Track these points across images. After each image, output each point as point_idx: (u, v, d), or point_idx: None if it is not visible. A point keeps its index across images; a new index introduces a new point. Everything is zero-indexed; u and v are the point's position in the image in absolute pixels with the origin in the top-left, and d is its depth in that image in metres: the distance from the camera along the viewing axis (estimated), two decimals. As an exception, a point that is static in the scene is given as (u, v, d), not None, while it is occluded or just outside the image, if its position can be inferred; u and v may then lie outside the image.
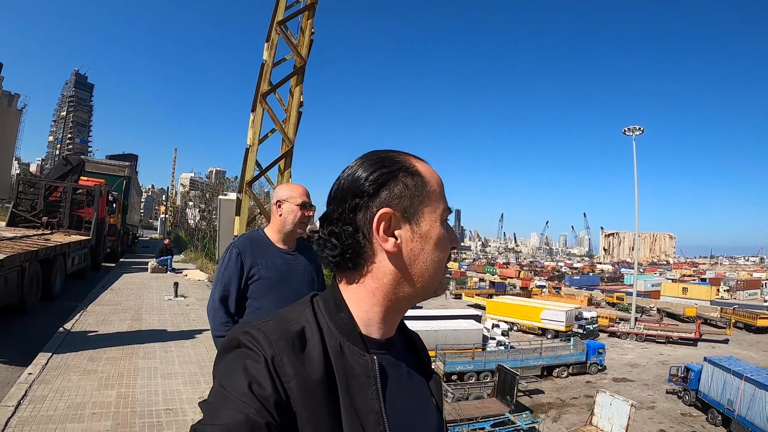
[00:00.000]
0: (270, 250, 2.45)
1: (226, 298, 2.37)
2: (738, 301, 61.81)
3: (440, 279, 0.84)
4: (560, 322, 42.53)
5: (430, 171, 0.85)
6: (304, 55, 5.20)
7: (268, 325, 0.76)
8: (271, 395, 0.68)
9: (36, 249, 9.14)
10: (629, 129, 54.94)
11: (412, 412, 0.84)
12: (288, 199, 2.45)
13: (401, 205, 0.80)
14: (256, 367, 0.70)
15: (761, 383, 20.87)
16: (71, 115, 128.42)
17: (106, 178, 21.32)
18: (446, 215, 0.84)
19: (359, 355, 0.79)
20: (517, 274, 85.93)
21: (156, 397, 5.18)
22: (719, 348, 40.98)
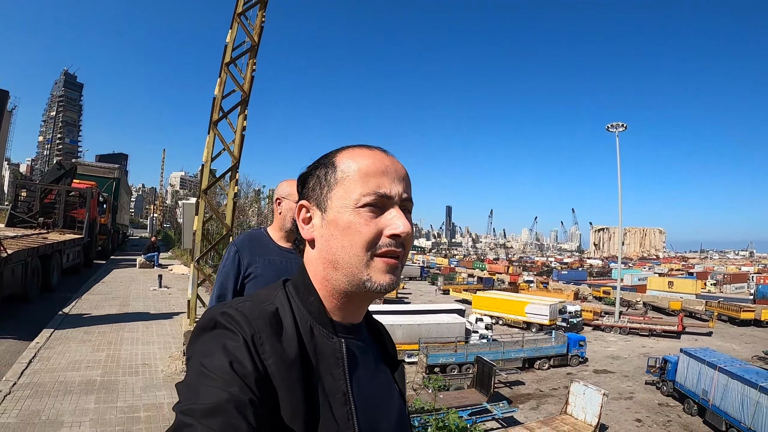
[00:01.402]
0: (270, 248, 2.45)
1: (223, 296, 2.38)
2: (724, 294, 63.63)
3: (360, 267, 0.81)
4: (544, 315, 43.99)
5: (352, 158, 0.86)
6: (246, 89, 6.67)
7: (246, 305, 0.79)
8: (251, 373, 0.70)
9: (36, 246, 10.80)
10: (612, 125, 56.40)
11: (377, 396, 0.88)
12: (288, 196, 2.43)
13: (314, 196, 0.87)
14: (235, 346, 0.72)
15: (734, 373, 21.48)
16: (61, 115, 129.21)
17: (97, 180, 22.94)
18: (366, 200, 0.82)
19: (328, 338, 0.83)
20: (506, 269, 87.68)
21: (136, 356, 6.88)
22: (702, 340, 41.77)
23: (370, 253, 0.81)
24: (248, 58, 6.81)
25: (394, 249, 0.82)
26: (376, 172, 0.84)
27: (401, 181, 0.86)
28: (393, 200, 0.84)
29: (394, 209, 0.83)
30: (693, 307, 53.66)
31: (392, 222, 0.82)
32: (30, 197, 16.50)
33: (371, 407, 0.85)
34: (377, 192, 0.82)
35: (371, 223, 0.81)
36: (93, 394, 5.34)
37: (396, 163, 0.88)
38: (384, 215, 0.83)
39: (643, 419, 23.82)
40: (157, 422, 4.69)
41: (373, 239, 0.81)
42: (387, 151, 0.90)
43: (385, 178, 0.84)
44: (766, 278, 71.60)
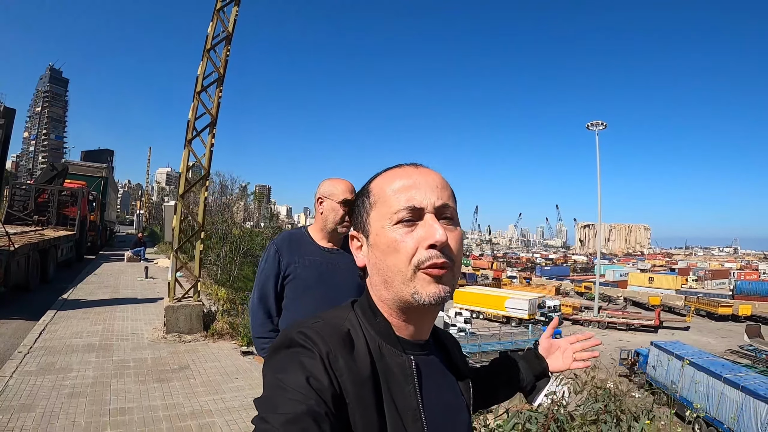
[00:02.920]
0: (311, 248, 2.43)
1: (264, 297, 2.39)
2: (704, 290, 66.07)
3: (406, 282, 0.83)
4: (523, 310, 46.23)
5: (383, 180, 0.90)
6: (214, 114, 8.31)
7: (319, 325, 0.84)
8: (327, 388, 0.74)
9: (37, 241, 12.51)
10: (592, 124, 58.57)
11: (446, 410, 0.92)
12: (329, 196, 2.40)
13: (359, 225, 0.93)
14: (312, 363, 0.76)
15: (700, 365, 22.20)
16: (46, 111, 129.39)
17: (87, 179, 24.60)
18: (398, 216, 0.84)
19: (397, 356, 0.87)
20: (490, 265, 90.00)
21: (126, 328, 8.67)
22: (680, 335, 43.43)
23: (413, 267, 0.82)
24: (216, 87, 8.59)
25: (436, 260, 0.82)
26: (404, 187, 0.86)
27: (433, 190, 0.87)
28: (425, 210, 0.84)
29: (427, 219, 0.84)
30: (672, 302, 55.79)
31: (427, 232, 0.82)
32: (25, 196, 18.15)
33: (441, 421, 0.88)
34: (407, 206, 0.84)
35: (407, 237, 0.83)
36: (93, 352, 7.12)
37: (426, 174, 0.89)
38: (417, 228, 0.84)
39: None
40: (142, 368, 6.48)
41: (411, 254, 0.82)
42: (420, 164, 0.92)
43: (414, 191, 0.85)
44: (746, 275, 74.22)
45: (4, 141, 8.38)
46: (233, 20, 8.68)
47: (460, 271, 0.90)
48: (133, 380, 5.97)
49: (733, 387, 19.67)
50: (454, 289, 0.93)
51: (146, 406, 5.14)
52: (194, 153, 8.32)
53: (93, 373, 6.14)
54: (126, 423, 4.70)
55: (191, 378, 6.16)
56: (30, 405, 5.02)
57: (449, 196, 0.90)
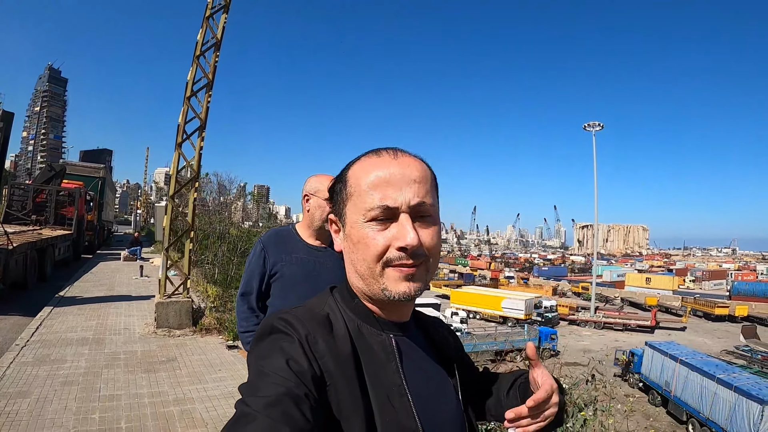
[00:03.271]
0: (298, 245, 2.43)
1: (248, 294, 2.41)
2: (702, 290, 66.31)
3: (375, 278, 0.85)
4: (520, 310, 46.25)
5: (360, 170, 0.88)
6: (203, 118, 8.74)
7: (299, 310, 0.88)
8: (307, 370, 0.76)
9: (34, 240, 12.91)
10: (589, 125, 58.90)
11: (431, 389, 0.92)
12: (316, 192, 2.39)
13: (336, 211, 0.93)
14: (291, 347, 0.78)
15: (693, 365, 22.51)
16: (45, 111, 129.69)
17: (84, 179, 25.07)
18: (371, 214, 0.84)
19: (377, 335, 0.89)
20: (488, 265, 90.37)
21: (119, 324, 9.09)
22: (676, 335, 43.54)
23: (382, 264, 0.84)
24: (205, 92, 9.01)
25: (404, 261, 0.83)
26: (380, 182, 0.84)
27: (410, 186, 0.85)
28: (399, 209, 0.83)
29: (401, 219, 0.83)
30: (669, 302, 55.90)
31: (399, 234, 0.82)
32: (23, 196, 18.57)
33: (426, 399, 0.88)
34: (380, 205, 0.83)
35: (378, 236, 0.83)
36: (87, 345, 7.53)
37: (405, 166, 0.86)
38: (391, 227, 0.83)
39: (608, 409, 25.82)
40: (133, 360, 6.90)
41: (381, 252, 0.83)
42: (399, 151, 0.89)
43: (389, 188, 0.83)
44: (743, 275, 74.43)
45: (3, 143, 8.75)
46: (222, 27, 9.10)
47: (437, 264, 0.91)
48: (123, 371, 6.38)
49: (726, 387, 19.86)
50: (428, 283, 0.91)
51: (133, 394, 5.56)
52: (184, 156, 8.73)
53: (85, 364, 6.55)
54: (114, 408, 5.11)
55: (177, 369, 6.58)
56: (26, 392, 5.43)
57: (427, 191, 0.87)
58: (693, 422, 22.11)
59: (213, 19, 9.13)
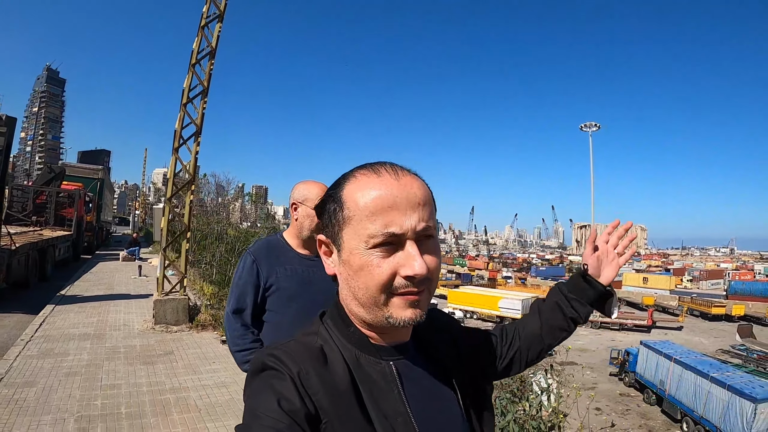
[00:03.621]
0: (289, 256, 2.37)
1: (241, 311, 2.31)
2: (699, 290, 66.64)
3: (379, 306, 0.81)
4: (517, 310, 46.56)
5: (358, 192, 0.81)
6: (198, 123, 9.19)
7: (290, 345, 0.84)
8: (300, 409, 0.74)
9: (36, 241, 13.36)
10: (586, 125, 59.49)
11: (435, 412, 0.90)
12: (304, 201, 2.32)
13: (328, 233, 0.87)
14: (282, 385, 0.76)
15: (687, 364, 22.85)
16: (43, 111, 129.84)
17: (83, 181, 25.57)
18: (375, 241, 0.79)
19: (376, 364, 0.86)
20: (486, 265, 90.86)
21: (119, 320, 9.52)
22: (672, 334, 43.58)
23: (387, 294, 0.80)
24: (201, 98, 9.45)
25: (411, 289, 0.80)
26: (384, 207, 0.79)
27: (415, 210, 0.80)
28: (405, 236, 0.79)
29: (407, 246, 0.79)
30: (666, 302, 56.17)
31: (406, 262, 0.78)
32: (24, 198, 19.01)
33: (431, 423, 0.86)
34: (386, 232, 0.78)
35: (383, 264, 0.79)
36: (88, 340, 7.96)
37: (408, 188, 0.81)
38: (397, 254, 0.79)
39: (603, 408, 24.99)
40: (132, 353, 7.33)
41: (387, 281, 0.79)
42: (399, 169, 0.85)
43: (394, 213, 0.79)
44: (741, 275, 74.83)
45: (6, 148, 9.17)
46: (216, 36, 9.54)
47: (437, 282, 0.88)
48: (123, 363, 6.82)
49: (720, 386, 20.23)
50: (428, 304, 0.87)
51: (132, 383, 5.99)
52: (180, 160, 9.17)
53: (87, 357, 6.99)
54: (114, 396, 5.54)
55: (174, 362, 7.01)
56: (32, 382, 5.86)
57: (430, 213, 0.83)
58: (687, 421, 22.33)
59: (208, 28, 9.56)
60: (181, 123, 9.17)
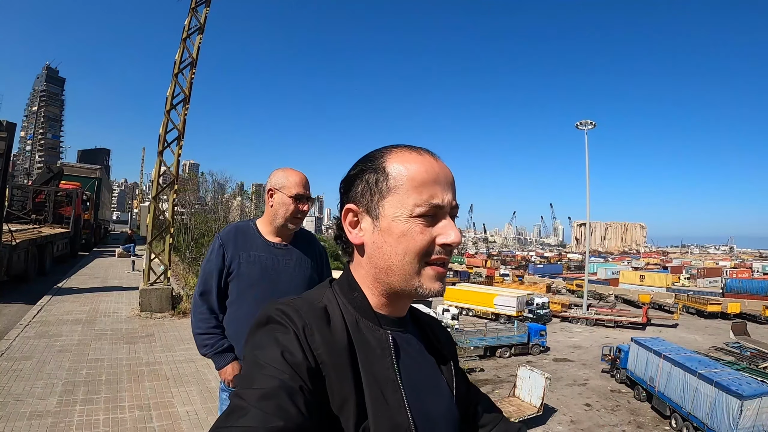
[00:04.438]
0: (257, 242, 2.39)
1: (207, 293, 2.37)
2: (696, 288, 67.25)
3: (413, 274, 0.87)
4: (512, 307, 47.27)
5: (402, 164, 0.88)
6: (180, 128, 10.12)
7: (296, 301, 0.88)
8: (302, 362, 0.77)
9: (35, 237, 14.38)
10: (581, 123, 60.04)
11: (424, 386, 0.94)
12: (281, 188, 2.33)
13: (363, 201, 0.91)
14: (287, 338, 0.80)
15: (676, 361, 23.24)
16: (43, 110, 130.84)
17: (81, 180, 26.66)
18: (420, 210, 0.86)
19: (374, 330, 0.91)
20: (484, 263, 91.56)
21: (109, 309, 10.56)
22: (667, 332, 44.08)
23: (423, 261, 0.87)
24: (183, 105, 10.45)
25: (444, 257, 0.88)
26: (429, 180, 0.87)
27: (450, 188, 0.90)
28: (444, 209, 0.88)
29: (446, 218, 0.88)
30: (663, 300, 56.71)
31: (444, 231, 0.87)
32: (23, 197, 20.07)
33: (420, 395, 0.90)
34: (431, 202, 0.86)
35: (426, 231, 0.86)
36: (80, 324, 8.98)
37: (445, 169, 0.91)
38: (437, 225, 0.88)
39: (593, 404, 25.94)
40: (117, 335, 8.35)
41: (426, 248, 0.86)
42: (435, 154, 0.93)
43: (437, 187, 0.88)
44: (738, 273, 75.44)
45: (6, 152, 10.16)
46: (197, 47, 10.53)
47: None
48: (108, 342, 7.85)
49: (707, 382, 20.62)
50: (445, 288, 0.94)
51: (114, 358, 7.02)
52: (164, 162, 10.18)
53: (78, 338, 8.02)
54: (97, 367, 6.56)
55: (153, 342, 8.03)
56: (28, 357, 6.88)
57: (455, 195, 0.92)
58: (676, 417, 22.76)
59: (190, 40, 10.55)
60: (165, 128, 10.17)
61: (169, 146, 10.37)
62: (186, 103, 10.44)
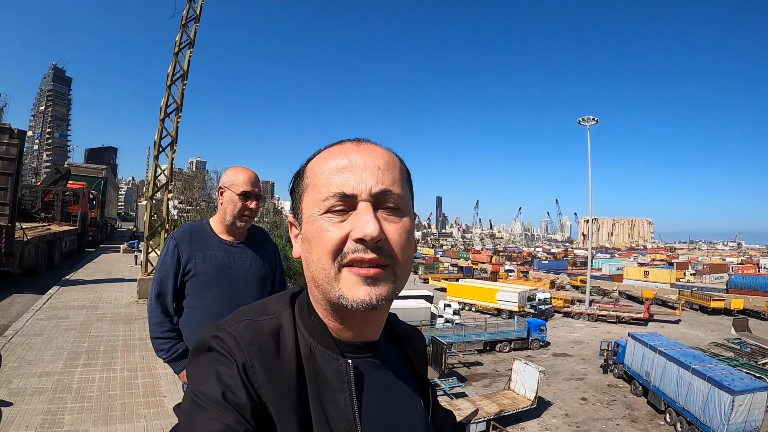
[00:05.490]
0: (211, 241, 2.40)
1: (162, 295, 2.35)
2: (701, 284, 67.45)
3: (330, 281, 0.75)
4: (513, 302, 47.83)
5: (318, 160, 0.80)
6: (174, 135, 11.45)
7: (240, 327, 0.77)
8: (246, 403, 0.70)
9: (44, 234, 15.75)
10: (584, 119, 60.54)
11: (393, 419, 0.84)
12: (230, 186, 2.33)
13: (293, 212, 0.84)
14: (229, 374, 0.71)
15: (671, 356, 23.43)
16: (50, 110, 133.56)
17: (87, 180, 28.09)
18: (327, 204, 0.75)
19: (332, 359, 0.79)
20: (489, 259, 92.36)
21: (111, 297, 11.89)
22: (669, 328, 44.86)
23: (337, 264, 0.74)
24: (175, 114, 11.72)
25: (362, 255, 0.72)
26: (338, 168, 0.76)
27: (373, 173, 0.76)
28: (358, 198, 0.74)
29: (360, 208, 0.74)
30: (667, 296, 57.11)
31: (356, 224, 0.73)
32: (33, 196, 21.51)
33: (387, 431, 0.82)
34: (338, 192, 0.74)
35: (333, 227, 0.74)
36: (84, 309, 10.30)
37: (367, 152, 0.78)
38: (350, 218, 0.75)
39: (589, 398, 26.46)
40: (117, 318, 9.64)
41: (336, 247, 0.74)
42: (365, 141, 0.82)
43: (348, 174, 0.75)
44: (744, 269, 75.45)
45: (18, 156, 11.47)
46: (188, 60, 11.78)
47: (408, 269, 0.80)
48: (108, 323, 9.15)
49: (700, 377, 20.87)
50: (397, 292, 0.77)
51: (112, 335, 8.32)
52: (159, 166, 11.46)
53: (82, 320, 9.33)
54: (97, 341, 7.86)
55: (146, 323, 9.26)
56: (39, 333, 8.18)
57: (395, 180, 0.78)
58: (670, 412, 23.12)
59: (182, 54, 11.80)
60: (159, 135, 11.45)
61: (164, 151, 11.63)
62: (178, 112, 11.68)
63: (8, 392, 5.45)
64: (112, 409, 5.23)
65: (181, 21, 11.40)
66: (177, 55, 11.66)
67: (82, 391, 5.69)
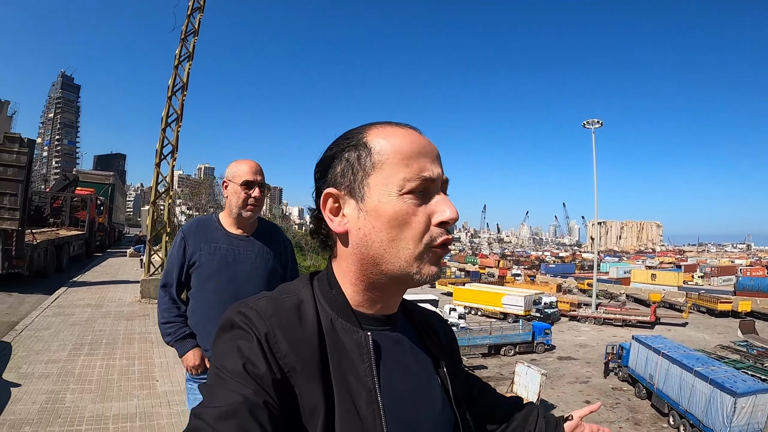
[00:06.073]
0: (217, 234, 2.45)
1: (168, 285, 2.47)
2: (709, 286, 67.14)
3: (409, 260, 0.79)
4: (519, 306, 48.15)
5: (389, 138, 0.81)
6: (174, 144, 12.17)
7: (261, 302, 0.81)
8: (266, 374, 0.72)
9: (53, 238, 16.50)
10: (589, 122, 60.83)
11: (413, 392, 0.86)
12: (232, 178, 2.38)
13: (344, 183, 0.82)
14: (249, 347, 0.74)
15: (674, 359, 23.58)
16: (59, 117, 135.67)
17: (95, 186, 28.96)
18: (411, 185, 0.78)
19: (352, 332, 0.82)
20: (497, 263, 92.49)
21: (116, 297, 12.56)
22: (676, 331, 44.80)
23: (423, 245, 0.78)
24: (176, 123, 12.41)
25: (447, 237, 0.79)
26: (416, 153, 0.80)
27: (438, 162, 0.83)
28: (437, 183, 0.80)
29: (438, 194, 0.81)
30: (674, 299, 57.06)
31: (439, 208, 0.79)
32: (42, 202, 22.33)
33: (405, 403, 0.83)
34: (421, 176, 0.78)
35: (419, 211, 0.78)
36: (90, 307, 10.96)
37: (430, 142, 0.84)
38: (430, 201, 0.80)
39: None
40: (120, 315, 10.29)
41: (423, 229, 0.78)
42: (417, 129, 0.85)
43: (425, 160, 0.80)
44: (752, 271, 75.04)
45: (28, 165, 12.22)
46: (187, 72, 12.46)
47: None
48: (111, 320, 9.80)
49: (703, 380, 20.96)
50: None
51: (114, 330, 8.96)
52: (161, 173, 12.16)
53: (87, 316, 9.99)
54: (100, 335, 8.49)
55: (146, 319, 9.96)
56: (47, 327, 8.84)
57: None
58: (673, 414, 23.23)
59: (181, 66, 12.50)
60: (161, 144, 12.14)
61: (165, 158, 12.32)
62: (179, 121, 12.36)
63: (17, 375, 6.09)
64: (110, 390, 5.84)
65: (181, 35, 12.09)
66: (177, 67, 12.34)
67: (84, 375, 6.31)
